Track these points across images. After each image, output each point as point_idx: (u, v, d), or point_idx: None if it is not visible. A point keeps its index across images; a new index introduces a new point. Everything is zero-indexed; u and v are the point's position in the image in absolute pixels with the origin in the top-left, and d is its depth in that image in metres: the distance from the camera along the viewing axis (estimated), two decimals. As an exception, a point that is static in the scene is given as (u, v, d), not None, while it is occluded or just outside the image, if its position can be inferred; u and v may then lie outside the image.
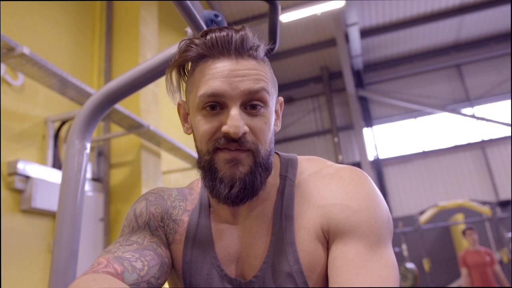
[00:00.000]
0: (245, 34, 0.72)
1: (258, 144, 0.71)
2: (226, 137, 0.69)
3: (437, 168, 9.25)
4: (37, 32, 3.60)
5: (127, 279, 0.65)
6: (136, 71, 1.41)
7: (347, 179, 0.76)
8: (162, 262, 0.74)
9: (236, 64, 0.70)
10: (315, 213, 0.74)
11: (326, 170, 0.80)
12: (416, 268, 7.08)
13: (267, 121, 0.73)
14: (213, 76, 0.70)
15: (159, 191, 0.88)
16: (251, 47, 0.72)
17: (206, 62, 0.71)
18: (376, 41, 9.07)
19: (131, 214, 0.84)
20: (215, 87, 0.69)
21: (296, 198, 0.78)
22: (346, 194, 0.73)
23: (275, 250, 0.75)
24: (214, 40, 0.71)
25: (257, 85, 0.70)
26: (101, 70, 4.24)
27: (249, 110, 0.71)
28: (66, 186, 1.28)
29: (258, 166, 0.72)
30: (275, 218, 0.77)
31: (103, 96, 1.36)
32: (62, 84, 3.03)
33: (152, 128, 3.78)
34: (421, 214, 7.53)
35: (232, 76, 0.69)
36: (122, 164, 4.06)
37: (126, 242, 0.75)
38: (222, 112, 0.71)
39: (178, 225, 0.84)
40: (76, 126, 1.34)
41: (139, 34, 4.36)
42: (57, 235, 1.26)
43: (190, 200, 0.88)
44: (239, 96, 0.69)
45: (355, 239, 0.67)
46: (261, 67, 0.73)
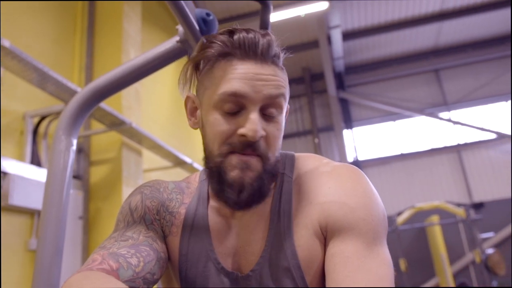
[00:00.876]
0: (271, 39, 0.73)
1: (268, 151, 0.73)
2: (242, 141, 0.70)
3: (414, 171, 9.43)
4: (17, 24, 3.51)
5: (123, 275, 0.64)
6: (125, 68, 1.39)
7: (344, 176, 0.76)
8: (158, 257, 0.73)
9: (261, 68, 0.71)
10: (313, 210, 0.74)
11: (324, 167, 0.81)
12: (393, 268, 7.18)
13: (280, 127, 0.74)
14: (236, 76, 0.70)
15: (154, 184, 0.87)
16: (275, 54, 0.73)
17: (230, 61, 0.71)
18: (357, 44, 9.18)
19: (126, 208, 0.82)
20: (238, 88, 0.69)
21: (294, 194, 0.78)
22: (344, 191, 0.73)
23: (273, 245, 0.75)
24: (242, 40, 0.71)
25: (278, 90, 0.72)
26: (82, 66, 4.17)
27: (266, 115, 0.72)
28: (51, 183, 1.26)
29: (266, 172, 0.73)
30: (273, 214, 0.77)
31: (91, 92, 1.34)
32: (42, 78, 2.96)
33: (134, 125, 3.73)
34: (398, 215, 7.66)
35: (255, 79, 0.70)
36: (103, 162, 4.00)
37: (121, 237, 0.73)
38: (240, 114, 0.71)
39: (175, 217, 0.83)
40: (62, 122, 1.32)
41: (122, 30, 4.30)
42: (41, 233, 1.24)
43: (187, 193, 0.87)
44: (260, 99, 0.70)
45: (353, 236, 0.68)
46: (281, 74, 0.74)
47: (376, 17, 8.25)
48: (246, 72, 0.70)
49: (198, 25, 1.32)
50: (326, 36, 8.30)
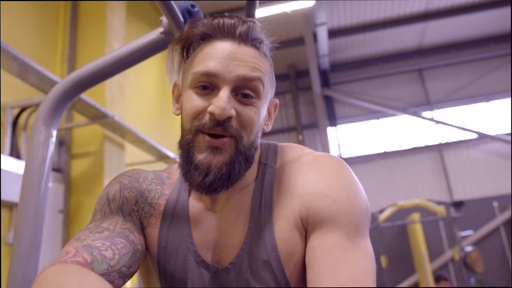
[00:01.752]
0: (252, 24, 0.73)
1: (242, 131, 0.70)
2: (211, 118, 0.68)
3: (396, 169, 9.54)
4: (-3, 13, 3.42)
5: (97, 268, 0.62)
6: (107, 59, 1.37)
7: (326, 167, 0.75)
8: (135, 249, 0.71)
9: (237, 48, 0.70)
10: (294, 201, 0.73)
11: (305, 157, 0.79)
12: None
13: (257, 111, 0.72)
14: (211, 56, 0.70)
15: (134, 174, 0.85)
16: (255, 38, 0.73)
17: (209, 42, 0.72)
18: (343, 42, 9.23)
19: (103, 197, 0.79)
20: (210, 66, 0.69)
21: (276, 185, 0.77)
22: (325, 182, 0.72)
23: (253, 238, 0.73)
24: (221, 23, 0.71)
25: (253, 73, 0.70)
26: (65, 57, 4.09)
27: (241, 97, 0.70)
28: (29, 176, 1.23)
29: (239, 154, 0.70)
30: (254, 206, 0.76)
31: (72, 83, 1.31)
32: (23, 69, 2.90)
33: (117, 119, 3.68)
34: (380, 212, 7.74)
35: (230, 58, 0.69)
36: (84, 155, 3.94)
37: (96, 229, 0.71)
38: (213, 93, 0.70)
39: (154, 208, 0.81)
40: (42, 113, 1.29)
41: (106, 22, 4.23)
42: (18, 226, 1.21)
43: (167, 184, 0.85)
44: (232, 80, 0.69)
45: (334, 228, 0.67)
46: (261, 59, 0.73)
47: (362, 15, 8.30)
48: (222, 52, 0.69)
49: (183, 16, 1.31)
50: (312, 33, 8.31)
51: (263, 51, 0.75)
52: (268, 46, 0.76)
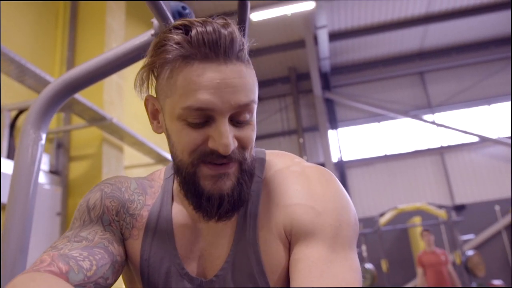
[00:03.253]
0: (232, 31, 0.64)
1: (244, 153, 0.68)
2: (213, 152, 0.64)
3: (397, 172, 9.51)
4: (-5, 15, 3.42)
5: (72, 279, 0.60)
6: (98, 60, 1.36)
7: (314, 179, 0.73)
8: (113, 261, 0.69)
9: (225, 70, 0.63)
10: (278, 213, 0.71)
11: (293, 167, 0.77)
12: (375, 269, 7.25)
13: (253, 127, 0.69)
14: (200, 86, 0.62)
15: (116, 182, 0.82)
16: (240, 49, 0.65)
17: (191, 65, 0.63)
18: (344, 45, 9.22)
19: (83, 205, 0.77)
20: (203, 101, 0.62)
21: (262, 195, 0.75)
22: (311, 195, 0.70)
23: (237, 250, 0.72)
24: (200, 39, 0.62)
25: (247, 98, 0.65)
26: (64, 59, 4.09)
27: (237, 122, 0.66)
28: (17, 179, 1.22)
29: (244, 174, 0.68)
30: (240, 217, 0.73)
31: (62, 85, 1.30)
32: (20, 71, 2.89)
33: (115, 121, 3.67)
34: (381, 216, 7.71)
35: (222, 87, 0.62)
36: (83, 157, 3.93)
37: (75, 238, 0.69)
38: (208, 124, 0.64)
39: (136, 219, 0.78)
40: (31, 116, 1.28)
41: (105, 24, 4.23)
42: (6, 229, 1.20)
43: (150, 194, 0.82)
44: (229, 109, 0.63)
45: (318, 241, 0.65)
46: (248, 73, 0.67)
47: (363, 18, 8.30)
48: (211, 80, 0.62)
49: (174, 18, 1.29)
50: (312, 36, 8.32)
51: (246, 58, 0.68)
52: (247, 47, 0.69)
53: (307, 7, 6.50)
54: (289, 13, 6.70)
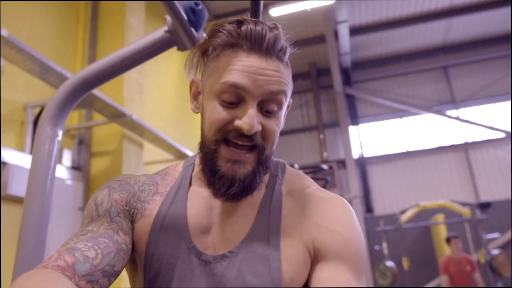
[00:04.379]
0: (278, 33, 0.72)
1: (265, 143, 0.74)
2: (238, 131, 0.71)
3: (420, 168, 9.35)
4: (19, 16, 3.51)
5: (79, 270, 0.62)
6: (113, 58, 1.37)
7: (341, 207, 0.80)
8: (118, 249, 0.70)
9: (265, 63, 0.71)
10: (309, 226, 0.76)
11: (320, 192, 0.83)
12: (395, 266, 7.16)
13: (278, 123, 0.75)
14: (239, 68, 0.70)
15: (124, 178, 0.85)
16: (281, 49, 0.73)
17: (236, 52, 0.72)
18: (365, 40, 9.09)
19: (91, 203, 0.80)
20: (238, 79, 0.70)
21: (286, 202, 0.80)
22: (341, 221, 0.77)
23: (257, 234, 0.76)
24: (249, 32, 0.71)
25: (279, 87, 0.72)
26: (85, 57, 4.16)
27: (265, 110, 0.73)
28: (35, 174, 1.25)
29: (260, 165, 0.74)
30: (263, 207, 0.79)
31: (77, 82, 1.32)
32: (43, 69, 2.95)
33: (135, 117, 3.72)
34: (402, 213, 7.60)
35: (258, 73, 0.70)
36: (103, 153, 4.00)
37: (81, 232, 0.72)
38: (239, 106, 0.71)
39: (148, 203, 0.81)
40: (48, 112, 1.30)
41: (125, 22, 4.28)
42: (23, 224, 1.23)
43: (162, 184, 0.85)
44: (260, 94, 0.71)
45: (345, 266, 0.72)
46: (285, 71, 0.74)
47: (384, 12, 8.16)
48: (249, 65, 0.70)
49: (186, 15, 1.30)
50: (333, 31, 8.23)
51: (286, 60, 0.76)
52: (289, 51, 0.76)
53: (327, 2, 6.44)
54: (309, 8, 6.65)
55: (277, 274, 0.71)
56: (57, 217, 3.41)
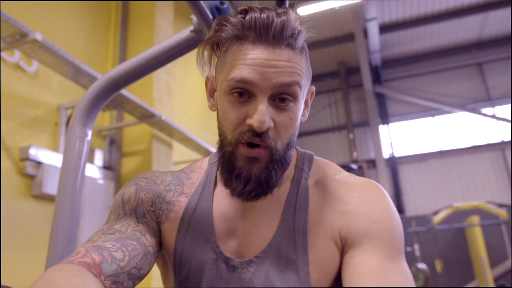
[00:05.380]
0: (286, 19, 0.67)
1: (277, 140, 0.70)
2: (250, 130, 0.68)
3: (453, 168, 9.08)
4: (52, 19, 3.62)
5: (106, 269, 0.62)
6: (139, 59, 1.39)
7: (369, 189, 0.76)
8: (145, 252, 0.71)
9: (272, 53, 0.66)
10: (335, 216, 0.73)
11: (347, 178, 0.80)
12: (428, 269, 6.98)
13: (293, 117, 0.71)
14: (245, 62, 0.67)
15: (151, 176, 0.84)
16: (291, 35, 0.68)
17: (242, 45, 0.68)
18: (395, 37, 8.91)
19: (118, 199, 0.80)
20: (245, 74, 0.66)
21: (313, 195, 0.77)
22: (368, 203, 0.73)
23: (284, 236, 0.73)
24: (253, 22, 0.67)
25: (290, 78, 0.67)
26: (116, 59, 4.25)
27: (278, 103, 0.69)
28: (65, 173, 1.28)
29: (274, 163, 0.71)
30: (288, 206, 0.76)
31: (106, 83, 1.34)
32: (75, 71, 3.04)
33: (164, 118, 3.77)
34: (435, 214, 7.40)
35: (265, 66, 0.66)
36: (134, 153, 4.08)
37: (108, 230, 0.71)
38: (250, 101, 0.68)
39: (174, 204, 0.80)
40: (77, 113, 1.33)
41: (154, 24, 4.35)
42: (55, 221, 1.26)
43: (187, 184, 0.84)
44: (269, 88, 0.67)
45: (377, 248, 0.67)
46: (297, 59, 0.69)
47: (415, 8, 7.97)
48: (256, 58, 0.66)
49: (212, 14, 1.30)
50: (362, 29, 8.10)
51: (299, 46, 0.70)
52: (304, 36, 0.71)
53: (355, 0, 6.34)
54: (337, 7, 6.56)
55: (306, 279, 0.70)
56: (90, 215, 3.50)
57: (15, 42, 2.55)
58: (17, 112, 3.10)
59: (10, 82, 3.08)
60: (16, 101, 3.10)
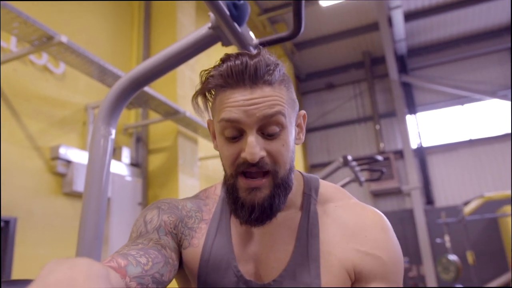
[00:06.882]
0: (258, 60, 0.75)
1: (276, 166, 0.77)
2: (246, 163, 0.75)
3: (484, 157, 8.82)
4: (77, 21, 3.71)
5: (131, 271, 0.65)
6: (160, 56, 1.42)
7: (379, 227, 0.83)
8: (166, 261, 0.75)
9: (251, 93, 0.74)
10: (349, 251, 0.80)
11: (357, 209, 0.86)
12: (459, 261, 6.84)
13: (284, 143, 0.77)
14: (230, 105, 0.75)
15: (172, 201, 0.90)
16: (266, 72, 0.75)
17: (225, 91, 0.76)
18: (421, 25, 8.69)
19: (140, 220, 0.85)
20: (231, 115, 0.74)
21: (324, 223, 0.84)
22: (379, 244, 0.81)
23: (298, 262, 0.80)
24: (229, 70, 0.75)
25: (272, 109, 0.74)
26: (139, 57, 4.32)
27: (267, 135, 0.76)
28: (91, 171, 1.31)
29: (278, 187, 0.78)
30: (301, 232, 0.82)
31: (128, 82, 1.37)
32: (101, 71, 3.11)
33: (188, 114, 3.82)
34: (465, 204, 7.23)
35: (247, 105, 0.74)
36: (160, 150, 4.15)
37: (131, 243, 0.76)
38: (241, 138, 0.76)
39: (195, 231, 0.87)
40: (101, 112, 1.37)
41: (176, 21, 4.40)
42: (83, 217, 1.30)
43: (206, 210, 0.90)
44: (255, 122, 0.74)
45: (384, 285, 0.78)
46: (276, 92, 0.76)
47: (442, -6, 7.75)
48: (237, 100, 0.74)
49: (229, 10, 1.31)
50: (386, 17, 7.95)
51: (277, 80, 0.77)
52: (280, 70, 0.78)
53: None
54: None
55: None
56: (119, 211, 3.59)
57: (42, 45, 2.63)
58: (46, 113, 3.20)
59: (39, 84, 3.18)
60: (45, 102, 3.20)
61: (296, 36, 1.44)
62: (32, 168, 3.00)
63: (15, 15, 2.38)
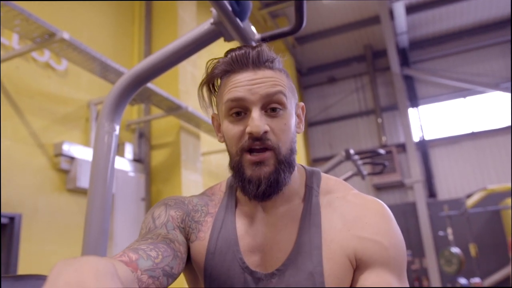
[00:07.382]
0: (260, 49, 0.83)
1: (279, 143, 0.81)
2: (250, 137, 0.79)
3: (487, 150, 8.81)
4: (79, 18, 3.71)
5: (142, 265, 0.67)
6: (162, 53, 1.42)
7: (379, 214, 0.85)
8: (175, 255, 0.78)
9: (255, 74, 0.81)
10: (350, 238, 0.82)
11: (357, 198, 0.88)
12: (462, 253, 6.85)
13: (286, 122, 0.82)
14: (235, 85, 0.81)
15: (178, 197, 0.93)
16: (267, 60, 0.83)
17: (230, 77, 0.83)
18: (423, 17, 8.65)
19: (148, 217, 0.88)
20: (236, 93, 0.80)
21: (326, 213, 0.86)
22: (379, 230, 0.82)
23: (300, 250, 0.82)
24: (234, 57, 0.82)
25: (274, 88, 0.80)
26: (141, 53, 4.32)
27: (269, 112, 0.81)
28: (96, 167, 1.32)
29: (281, 163, 0.81)
30: (303, 222, 0.85)
31: (131, 78, 1.38)
32: (103, 68, 3.12)
33: (190, 109, 3.82)
34: (468, 197, 7.23)
35: (251, 84, 0.80)
36: (162, 146, 4.16)
37: (141, 239, 0.79)
38: (246, 116, 0.81)
39: (202, 225, 0.89)
40: (105, 108, 1.37)
41: (177, 17, 4.39)
42: (88, 213, 1.31)
43: (211, 205, 0.93)
44: (259, 99, 0.79)
45: (386, 271, 0.79)
46: (277, 75, 0.83)
47: (443, -14, 7.71)
48: (242, 80, 0.80)
49: (231, 5, 1.31)
50: (388, 10, 7.92)
51: (277, 67, 0.84)
52: (280, 61, 0.86)
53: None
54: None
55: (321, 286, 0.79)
56: (123, 207, 3.61)
57: (44, 42, 2.64)
58: (49, 110, 3.21)
59: (42, 81, 3.19)
60: (47, 99, 3.21)
61: (298, 30, 1.45)
62: (36, 165, 3.02)
63: (17, 13, 2.38)
